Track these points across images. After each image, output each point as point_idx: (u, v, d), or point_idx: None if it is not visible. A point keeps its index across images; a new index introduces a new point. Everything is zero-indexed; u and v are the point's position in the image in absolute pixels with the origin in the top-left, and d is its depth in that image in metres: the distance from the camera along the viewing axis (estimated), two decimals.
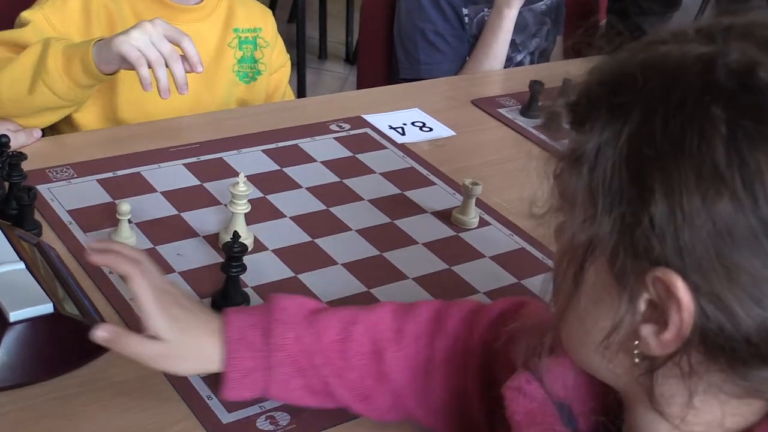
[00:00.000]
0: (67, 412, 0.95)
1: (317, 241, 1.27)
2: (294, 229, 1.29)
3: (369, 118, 1.62)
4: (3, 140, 1.24)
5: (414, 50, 2.01)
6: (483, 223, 1.36)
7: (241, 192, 1.19)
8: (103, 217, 1.24)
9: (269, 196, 1.35)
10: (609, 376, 0.70)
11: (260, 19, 1.68)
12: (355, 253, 1.26)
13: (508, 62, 2.01)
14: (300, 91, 3.31)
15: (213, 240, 1.23)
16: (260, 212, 1.29)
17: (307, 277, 1.19)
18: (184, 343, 0.92)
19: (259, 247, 1.24)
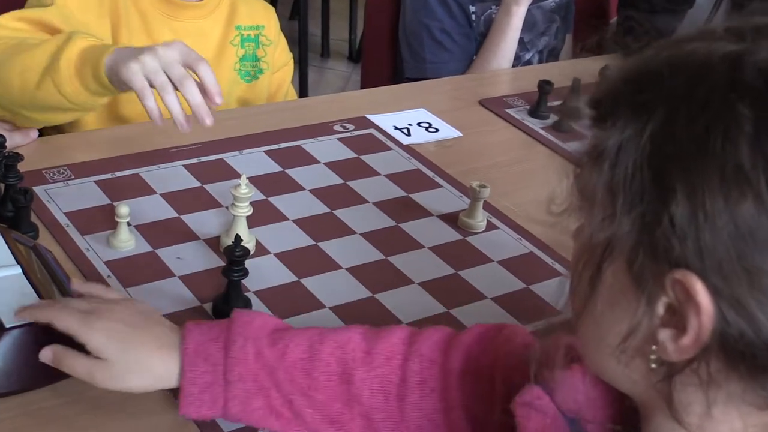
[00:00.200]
0: (64, 420, 0.95)
1: (320, 244, 1.27)
2: (297, 232, 1.29)
3: (373, 118, 1.62)
4: None
5: (420, 48, 2.01)
6: (491, 226, 1.37)
7: (243, 194, 1.20)
8: (101, 220, 1.24)
9: (271, 199, 1.35)
10: (625, 382, 0.69)
11: (263, 17, 1.68)
12: (359, 257, 1.26)
13: (517, 61, 2.02)
14: (302, 89, 3.31)
15: (214, 243, 1.23)
16: (262, 215, 1.29)
17: (310, 281, 1.20)
18: (129, 360, 0.90)
19: (261, 250, 1.24)
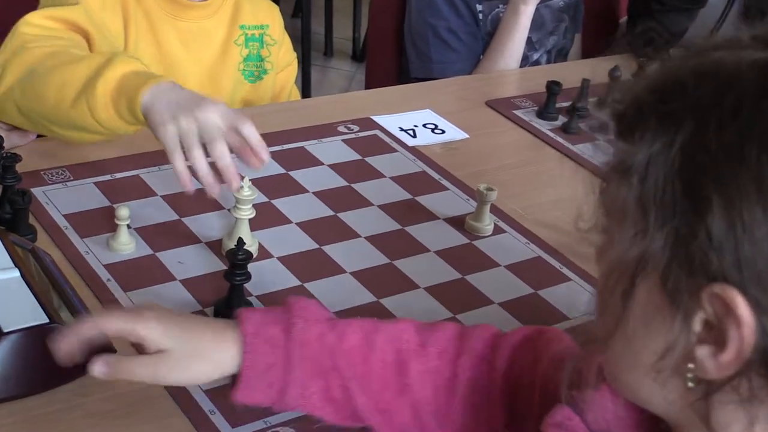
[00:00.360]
0: (63, 426, 0.95)
1: (324, 248, 1.28)
2: (300, 235, 1.29)
3: (378, 119, 1.62)
4: None
5: (425, 48, 2.01)
6: (498, 230, 1.37)
7: (246, 196, 1.20)
8: (100, 222, 1.24)
9: (274, 201, 1.36)
10: (660, 403, 0.68)
11: (268, 16, 1.67)
12: (364, 261, 1.26)
13: (524, 61, 2.02)
14: (304, 89, 3.32)
15: (216, 246, 1.24)
16: (265, 218, 1.30)
17: (313, 285, 1.20)
18: (189, 348, 0.88)
19: (263, 254, 1.24)
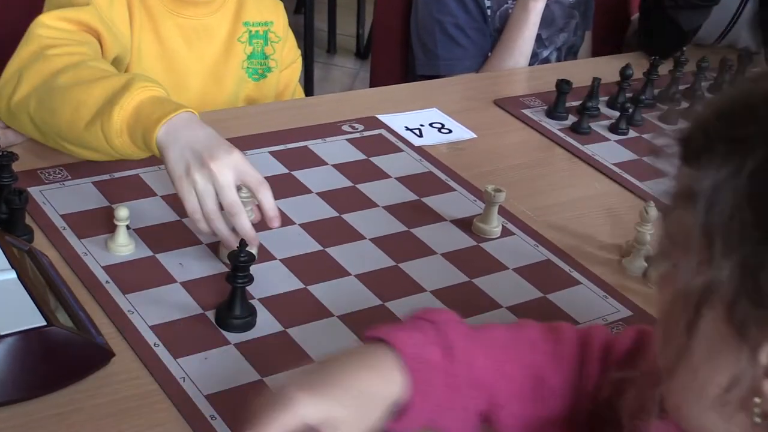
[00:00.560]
0: (63, 430, 0.95)
1: (328, 250, 1.28)
2: (304, 237, 1.30)
3: (384, 118, 1.63)
4: None
5: (432, 45, 2.01)
6: (506, 232, 1.37)
7: (246, 197, 1.20)
8: (99, 223, 1.24)
9: (277, 202, 1.34)
10: None
11: (272, 12, 1.68)
12: (368, 264, 1.26)
13: (534, 59, 2.02)
14: (307, 87, 3.32)
15: (217, 248, 1.23)
16: None
17: (317, 288, 1.20)
18: (353, 402, 0.78)
19: (266, 256, 1.24)
